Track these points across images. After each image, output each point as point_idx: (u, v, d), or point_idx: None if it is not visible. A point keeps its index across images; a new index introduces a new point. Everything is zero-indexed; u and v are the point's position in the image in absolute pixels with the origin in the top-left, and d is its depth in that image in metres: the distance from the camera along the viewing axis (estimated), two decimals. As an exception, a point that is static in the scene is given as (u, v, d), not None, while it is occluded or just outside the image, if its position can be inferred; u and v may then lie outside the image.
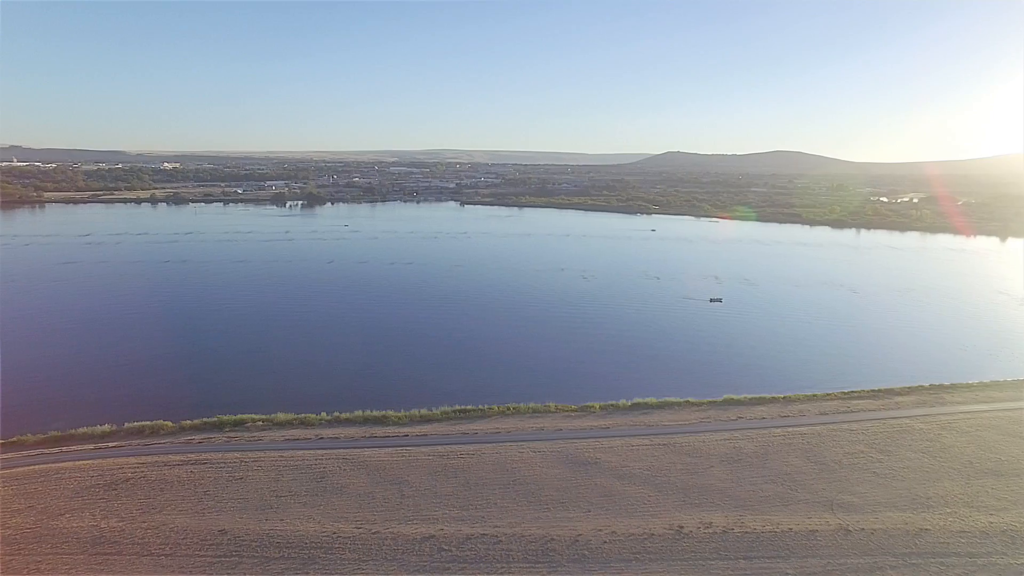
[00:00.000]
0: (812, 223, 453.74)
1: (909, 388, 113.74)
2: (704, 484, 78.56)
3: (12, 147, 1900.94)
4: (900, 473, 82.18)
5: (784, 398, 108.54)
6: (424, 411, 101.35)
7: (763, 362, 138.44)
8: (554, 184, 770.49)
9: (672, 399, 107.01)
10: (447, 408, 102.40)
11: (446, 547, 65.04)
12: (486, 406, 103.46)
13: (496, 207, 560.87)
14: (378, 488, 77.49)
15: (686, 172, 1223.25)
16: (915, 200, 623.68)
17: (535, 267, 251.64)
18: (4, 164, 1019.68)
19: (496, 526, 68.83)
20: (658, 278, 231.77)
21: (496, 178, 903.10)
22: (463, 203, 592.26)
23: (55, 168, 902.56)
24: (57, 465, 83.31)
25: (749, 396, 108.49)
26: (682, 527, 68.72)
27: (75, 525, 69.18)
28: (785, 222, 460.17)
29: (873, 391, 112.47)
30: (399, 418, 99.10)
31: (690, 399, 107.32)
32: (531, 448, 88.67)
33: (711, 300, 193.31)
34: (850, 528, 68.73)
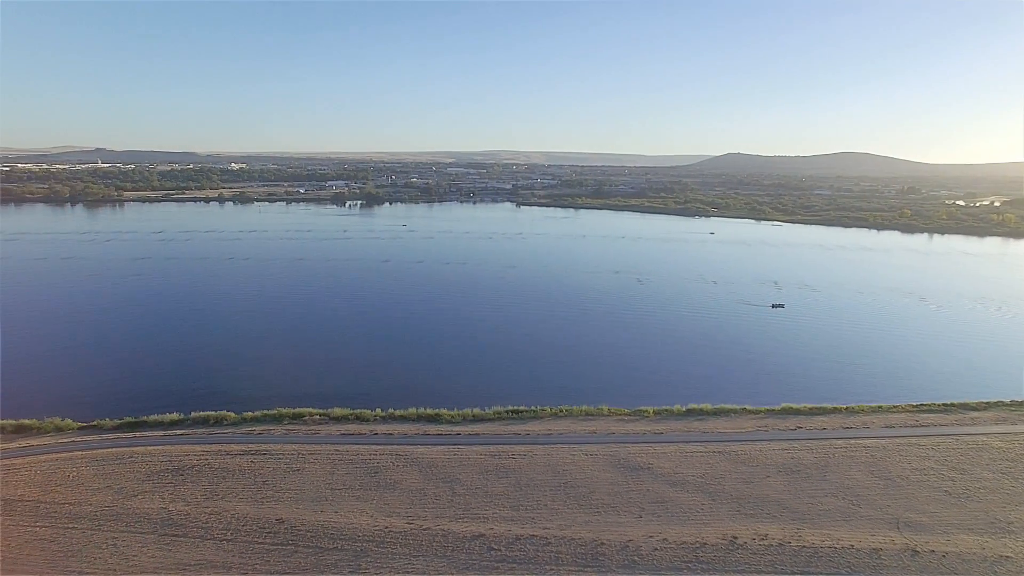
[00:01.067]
0: (880, 227, 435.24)
1: (986, 403, 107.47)
2: (760, 494, 76.49)
3: (97, 149, 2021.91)
4: (976, 493, 77.81)
5: (847, 408, 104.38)
6: (477, 410, 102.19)
7: (825, 371, 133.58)
8: (611, 186, 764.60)
9: (728, 406, 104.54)
10: (500, 408, 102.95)
11: (495, 546, 65.42)
12: (538, 407, 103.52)
13: (552, 208, 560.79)
14: (430, 485, 78.60)
15: (747, 174, 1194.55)
16: (996, 204, 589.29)
17: (589, 269, 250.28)
18: (90, 165, 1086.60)
19: (546, 528, 68.80)
20: (715, 282, 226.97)
21: (552, 179, 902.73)
22: (519, 204, 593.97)
23: (133, 169, 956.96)
24: (131, 449, 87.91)
25: (809, 405, 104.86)
26: (736, 537, 67.07)
27: (147, 507, 72.86)
28: (851, 226, 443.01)
29: (945, 405, 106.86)
30: (452, 416, 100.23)
31: (747, 406, 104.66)
32: (583, 451, 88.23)
33: (773, 306, 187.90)
34: (918, 549, 65.49)
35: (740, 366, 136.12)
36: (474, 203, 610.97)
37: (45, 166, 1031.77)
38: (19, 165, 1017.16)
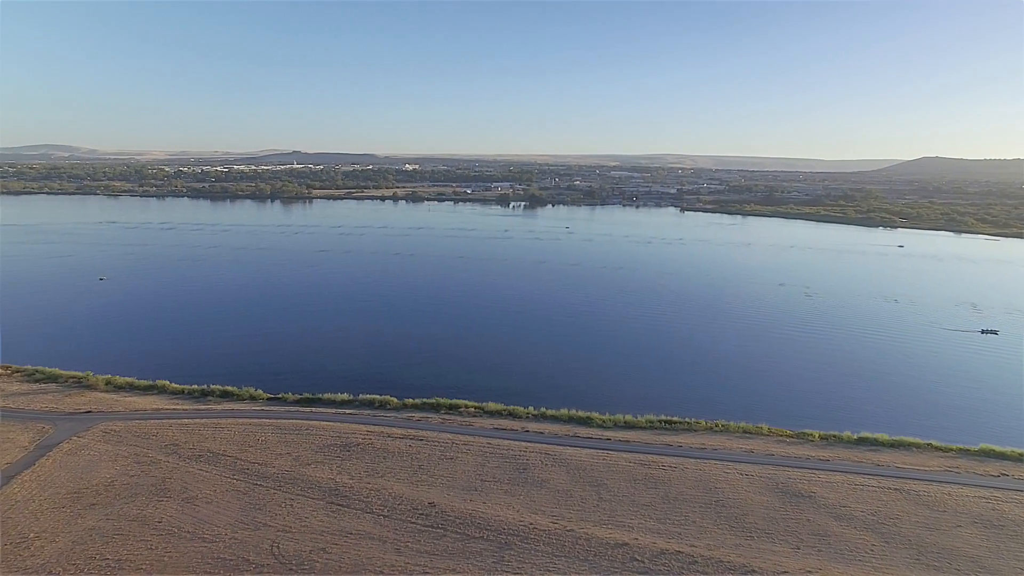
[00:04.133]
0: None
1: None
2: (948, 546, 67.55)
3: (294, 152, 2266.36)
4: None
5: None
6: (629, 417, 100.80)
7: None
8: (783, 192, 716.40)
9: (909, 439, 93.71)
10: (652, 417, 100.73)
11: (638, 557, 64.09)
12: (692, 420, 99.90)
13: (717, 215, 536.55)
14: (577, 487, 78.82)
15: (945, 181, 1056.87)
16: None
17: (752, 280, 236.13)
18: (287, 167, 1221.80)
19: (693, 545, 66.18)
20: (896, 300, 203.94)
21: (720, 184, 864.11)
22: (683, 209, 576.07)
23: (322, 170, 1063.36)
24: (308, 422, 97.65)
25: (1018, 450, 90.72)
26: (912, 588, 59.97)
27: (318, 475, 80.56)
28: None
29: None
30: (603, 421, 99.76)
31: (933, 442, 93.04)
32: (738, 470, 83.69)
33: (983, 331, 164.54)
34: None
35: (928, 396, 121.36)
36: (636, 207, 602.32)
37: (253, 167, 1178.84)
38: (235, 167, 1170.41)
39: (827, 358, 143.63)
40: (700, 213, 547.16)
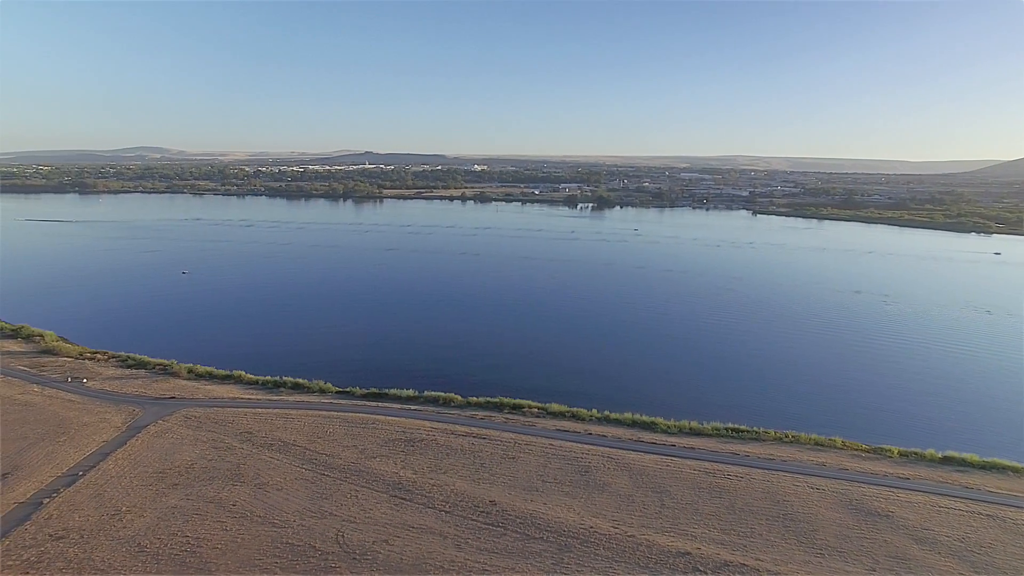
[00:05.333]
0: None
1: None
2: (1039, 574, 62.88)
3: (366, 152, 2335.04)
4: None
5: None
6: (694, 423, 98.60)
7: None
8: (862, 195, 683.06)
9: (1003, 461, 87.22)
10: (718, 424, 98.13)
11: (701, 568, 62.50)
12: (761, 429, 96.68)
13: (791, 218, 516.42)
14: (639, 492, 77.66)
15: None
16: None
17: (825, 285, 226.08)
18: (359, 167, 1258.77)
19: (758, 559, 64.04)
20: (989, 311, 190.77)
21: (794, 187, 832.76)
22: (755, 212, 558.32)
23: (393, 170, 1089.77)
24: (374, 416, 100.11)
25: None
26: (1000, 619, 56.09)
27: (382, 469, 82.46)
28: None
29: None
30: (668, 426, 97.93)
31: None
32: (808, 483, 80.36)
33: None
34: None
35: None
36: (707, 210, 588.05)
37: (327, 167, 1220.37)
38: (310, 167, 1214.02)
39: (907, 370, 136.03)
40: (773, 217, 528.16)
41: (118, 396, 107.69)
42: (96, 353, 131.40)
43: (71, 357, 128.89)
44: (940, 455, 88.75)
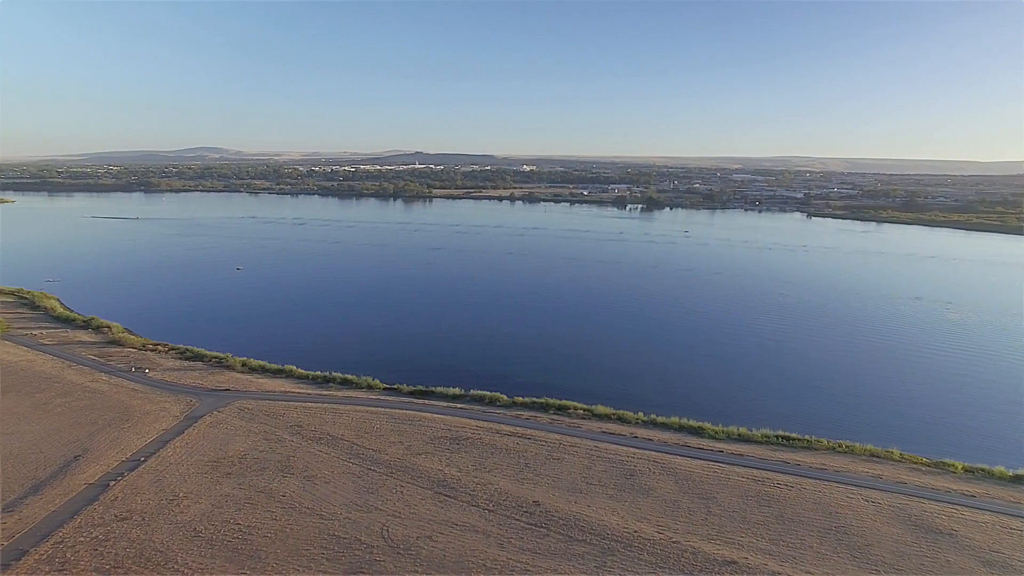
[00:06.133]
0: None
1: None
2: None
3: (416, 152, 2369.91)
4: None
5: None
6: (743, 430, 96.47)
7: None
8: (925, 197, 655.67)
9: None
10: (768, 431, 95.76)
11: (749, 579, 61.07)
12: (812, 438, 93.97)
13: (848, 221, 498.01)
14: (684, 498, 76.43)
15: None
16: None
17: (882, 291, 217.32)
18: (409, 167, 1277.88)
19: (808, 572, 62.16)
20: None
21: (852, 189, 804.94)
22: (810, 215, 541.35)
23: (442, 170, 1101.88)
24: (420, 414, 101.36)
25: None
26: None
27: (428, 466, 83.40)
28: None
29: None
30: (716, 432, 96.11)
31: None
32: (863, 496, 77.59)
33: None
34: None
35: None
36: (759, 212, 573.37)
37: (377, 167, 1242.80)
38: (361, 167, 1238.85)
39: (972, 383, 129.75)
40: (828, 219, 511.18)
41: (177, 387, 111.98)
42: (157, 345, 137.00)
43: (135, 348, 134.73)
44: (1011, 473, 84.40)
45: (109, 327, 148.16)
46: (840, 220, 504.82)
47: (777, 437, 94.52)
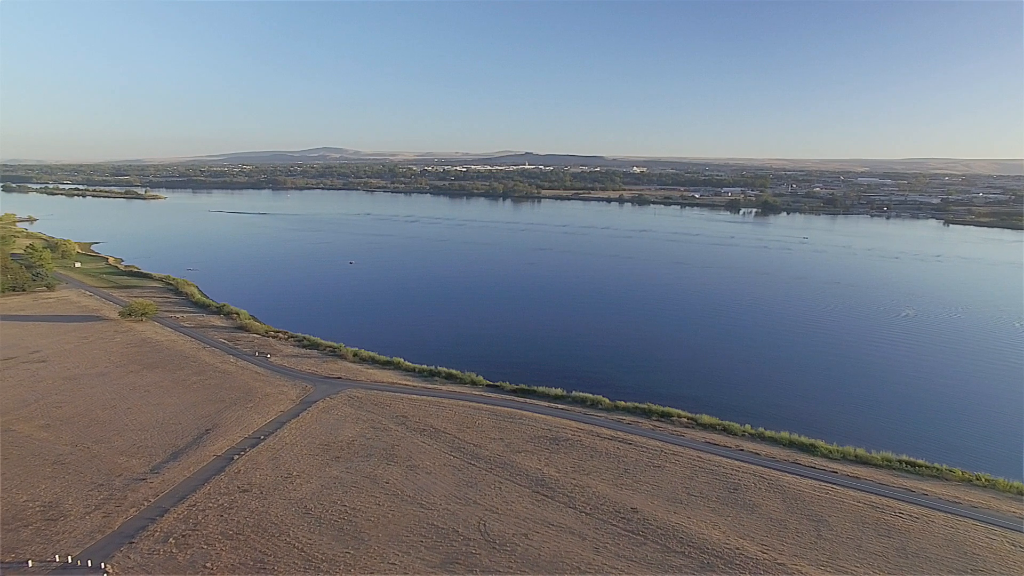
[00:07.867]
0: None
1: None
2: None
3: (526, 153, 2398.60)
4: None
5: None
6: (861, 451, 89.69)
7: None
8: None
9: None
10: (890, 455, 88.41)
11: (865, 612, 56.59)
12: (944, 466, 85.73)
13: (995, 229, 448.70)
14: (792, 518, 72.04)
15: None
16: None
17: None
18: (518, 167, 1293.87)
19: (936, 613, 56.68)
20: None
21: (1003, 193, 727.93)
22: (948, 222, 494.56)
23: (551, 171, 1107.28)
24: (522, 412, 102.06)
25: None
26: None
27: (527, 464, 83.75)
28: None
29: None
30: (829, 451, 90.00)
31: None
32: (1008, 539, 69.51)
33: None
34: None
35: None
36: (887, 218, 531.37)
37: (488, 167, 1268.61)
38: (472, 167, 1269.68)
39: None
40: (970, 227, 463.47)
41: (294, 372, 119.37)
42: (278, 332, 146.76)
43: (259, 334, 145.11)
44: None
45: (238, 313, 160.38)
46: (985, 228, 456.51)
47: (900, 462, 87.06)
